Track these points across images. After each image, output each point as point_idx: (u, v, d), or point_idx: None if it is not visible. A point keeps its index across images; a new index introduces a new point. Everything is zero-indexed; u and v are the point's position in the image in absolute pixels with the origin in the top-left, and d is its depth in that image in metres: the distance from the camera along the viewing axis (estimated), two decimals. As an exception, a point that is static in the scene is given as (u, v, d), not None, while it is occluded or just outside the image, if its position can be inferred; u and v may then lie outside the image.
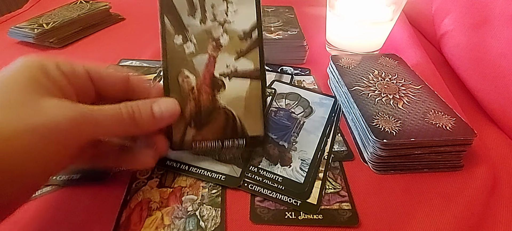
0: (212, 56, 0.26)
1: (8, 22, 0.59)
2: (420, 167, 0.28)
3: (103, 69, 0.24)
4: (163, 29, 0.26)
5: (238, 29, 0.27)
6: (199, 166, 0.28)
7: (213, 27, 0.26)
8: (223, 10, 0.26)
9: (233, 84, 0.27)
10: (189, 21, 0.27)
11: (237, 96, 0.27)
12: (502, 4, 0.35)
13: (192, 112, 0.26)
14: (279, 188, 0.26)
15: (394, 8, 0.43)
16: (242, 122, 0.26)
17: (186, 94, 0.26)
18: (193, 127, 0.26)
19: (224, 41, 0.27)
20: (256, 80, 0.27)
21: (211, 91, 0.26)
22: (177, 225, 0.23)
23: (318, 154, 0.29)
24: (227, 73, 0.27)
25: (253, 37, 0.27)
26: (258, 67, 0.27)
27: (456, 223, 0.23)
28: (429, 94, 0.32)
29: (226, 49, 0.27)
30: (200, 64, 0.26)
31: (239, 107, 0.27)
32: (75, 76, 0.22)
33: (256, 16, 0.27)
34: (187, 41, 0.26)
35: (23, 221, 0.23)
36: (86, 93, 0.23)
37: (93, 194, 0.26)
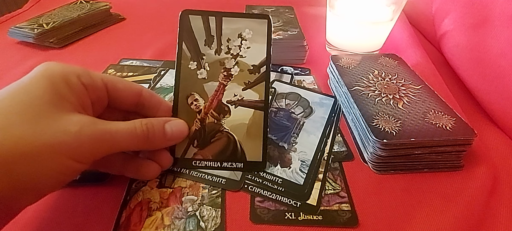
0: (222, 84, 0.29)
1: (8, 22, 0.59)
2: (420, 167, 0.28)
3: (120, 83, 0.25)
4: (180, 53, 0.28)
5: (248, 63, 0.29)
6: (206, 170, 0.28)
7: (227, 59, 0.29)
8: (238, 45, 0.29)
9: (238, 112, 0.28)
10: (205, 50, 0.29)
11: (240, 123, 0.28)
12: (502, 4, 0.35)
13: (197, 133, 0.28)
14: (279, 189, 0.26)
15: (394, 8, 0.43)
16: (242, 147, 0.28)
17: (193, 115, 0.28)
18: (196, 146, 0.28)
19: (235, 72, 0.29)
20: (260, 111, 0.28)
21: (217, 116, 0.28)
22: (177, 225, 0.23)
23: (318, 155, 0.29)
24: (234, 101, 0.29)
25: (261, 72, 0.29)
26: (262, 99, 0.29)
27: (456, 223, 0.23)
28: (429, 94, 0.32)
29: (235, 79, 0.29)
30: (210, 90, 0.28)
31: (241, 133, 0.28)
32: (94, 87, 0.23)
33: (266, 54, 0.29)
34: (201, 68, 0.29)
35: (23, 221, 0.23)
36: (100, 104, 0.24)
37: (93, 194, 0.26)
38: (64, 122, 0.19)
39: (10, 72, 0.43)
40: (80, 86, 0.22)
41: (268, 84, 0.29)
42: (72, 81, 0.21)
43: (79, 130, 0.19)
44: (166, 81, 0.41)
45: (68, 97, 0.21)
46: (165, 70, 0.43)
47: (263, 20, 0.29)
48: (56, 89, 0.20)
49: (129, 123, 0.23)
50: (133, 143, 0.23)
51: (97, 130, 0.20)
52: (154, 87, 0.40)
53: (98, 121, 0.21)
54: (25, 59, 0.47)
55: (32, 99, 0.19)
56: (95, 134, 0.20)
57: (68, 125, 0.19)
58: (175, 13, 0.29)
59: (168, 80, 0.41)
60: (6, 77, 0.42)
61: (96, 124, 0.21)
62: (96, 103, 0.23)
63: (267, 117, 0.28)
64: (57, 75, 0.21)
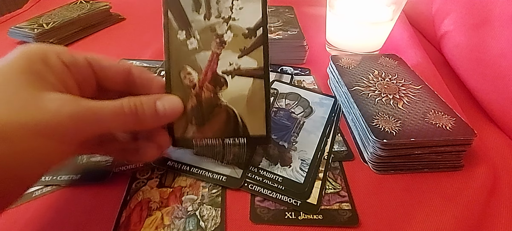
0: (216, 53, 0.26)
1: (8, 22, 0.59)
2: (420, 167, 0.28)
3: (105, 60, 0.24)
4: (167, 24, 0.26)
5: (242, 26, 0.26)
6: (200, 167, 0.28)
7: (218, 24, 0.26)
8: (228, 7, 0.26)
9: (236, 83, 0.26)
10: (193, 16, 0.26)
11: (239, 95, 0.26)
12: (502, 5, 0.35)
13: (194, 110, 0.26)
14: (279, 188, 0.26)
15: (394, 8, 0.43)
16: (244, 121, 0.26)
17: (188, 91, 0.26)
18: (194, 124, 0.26)
19: (228, 38, 0.26)
20: (260, 79, 0.26)
21: (213, 89, 0.26)
22: (177, 225, 0.23)
23: (318, 154, 0.29)
24: (230, 71, 0.26)
25: (258, 35, 0.26)
26: (261, 66, 0.26)
27: (456, 223, 0.23)
28: (429, 94, 0.32)
29: (229, 46, 0.26)
30: (202, 61, 0.26)
31: (241, 106, 0.26)
32: (77, 66, 0.22)
33: (261, 14, 0.26)
34: (190, 37, 0.26)
35: (23, 221, 0.23)
36: (87, 85, 0.23)
37: (93, 194, 0.26)
38: (43, 100, 0.18)
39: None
40: (61, 65, 0.20)
41: (266, 48, 0.26)
42: (52, 60, 0.20)
43: (57, 108, 0.18)
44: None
45: (47, 76, 0.19)
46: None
47: None
48: (34, 69, 0.19)
49: (116, 101, 0.21)
50: (121, 122, 0.22)
51: (78, 107, 0.19)
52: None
53: (80, 99, 0.20)
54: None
55: (8, 80, 0.18)
56: (76, 111, 0.19)
57: (47, 104, 0.18)
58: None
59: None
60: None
61: (77, 101, 0.19)
62: (83, 84, 0.22)
63: (268, 85, 0.26)
64: (35, 55, 0.20)
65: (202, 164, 0.28)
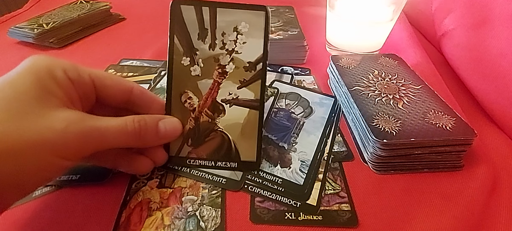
0: (217, 82, 0.28)
1: (8, 22, 0.59)
2: (420, 167, 0.28)
3: (108, 79, 0.24)
4: (172, 48, 0.27)
5: (244, 59, 0.28)
6: (200, 169, 0.28)
7: (221, 55, 0.27)
8: (233, 40, 0.27)
9: (233, 111, 0.28)
10: (198, 44, 0.27)
11: (235, 123, 0.28)
12: (502, 4, 0.35)
13: (191, 132, 0.28)
14: (279, 190, 0.26)
15: (394, 8, 0.43)
16: (237, 146, 0.28)
17: (187, 114, 0.27)
18: (190, 145, 0.28)
19: (230, 69, 0.28)
20: (255, 110, 0.28)
21: (212, 115, 0.28)
22: (177, 225, 0.23)
23: (317, 155, 0.29)
24: (229, 100, 0.28)
25: (258, 70, 0.28)
26: (258, 98, 0.28)
27: (456, 223, 0.23)
28: (429, 94, 0.32)
29: (230, 77, 0.28)
30: (204, 88, 0.28)
31: (236, 133, 0.28)
32: (81, 82, 0.22)
33: (263, 50, 0.27)
34: (194, 64, 0.27)
35: (23, 221, 0.23)
36: (88, 100, 0.23)
37: (93, 194, 0.26)
38: (50, 118, 0.19)
39: (10, 72, 0.43)
40: (67, 81, 0.21)
41: (264, 82, 0.28)
42: (59, 76, 0.21)
43: (65, 127, 0.19)
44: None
45: (55, 92, 0.20)
46: (165, 71, 0.43)
47: (261, 12, 0.27)
48: (42, 84, 0.20)
49: (121, 119, 0.22)
50: (124, 140, 0.22)
51: (85, 127, 0.20)
52: (154, 88, 0.40)
53: (86, 117, 0.21)
54: (25, 59, 0.47)
55: (18, 94, 0.19)
56: (83, 131, 0.20)
57: (54, 122, 0.19)
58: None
59: (168, 80, 0.41)
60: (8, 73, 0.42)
61: (84, 120, 0.20)
62: (84, 99, 0.23)
63: (262, 116, 0.28)
64: (43, 69, 0.20)
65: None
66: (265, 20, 0.27)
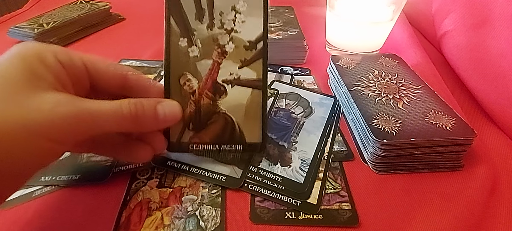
0: (217, 62, 0.27)
1: (8, 22, 0.59)
2: (420, 167, 0.28)
3: (101, 63, 0.24)
4: (168, 29, 0.26)
5: (244, 38, 0.27)
6: (200, 167, 0.28)
7: (220, 34, 0.27)
8: (231, 19, 0.27)
9: (235, 92, 0.27)
10: (196, 25, 0.26)
11: (238, 104, 0.27)
12: (502, 5, 0.35)
13: (191, 115, 0.27)
14: (279, 188, 0.26)
15: (394, 8, 0.43)
16: (241, 128, 0.27)
17: (187, 97, 0.26)
18: (191, 130, 0.27)
19: (230, 49, 0.27)
20: (258, 90, 0.27)
21: (213, 97, 0.27)
22: (177, 225, 0.23)
23: (318, 154, 0.29)
24: (230, 80, 0.27)
25: (258, 48, 0.27)
26: (260, 78, 0.27)
27: (456, 223, 0.23)
28: (429, 94, 0.32)
29: (230, 57, 0.27)
30: (203, 69, 0.27)
31: (239, 114, 0.27)
32: (72, 67, 0.22)
33: (262, 28, 0.27)
34: (192, 45, 0.26)
35: (23, 221, 0.23)
36: (81, 85, 0.23)
37: (93, 194, 0.26)
38: (38, 100, 0.18)
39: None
40: (57, 65, 0.20)
41: (265, 61, 0.27)
42: (48, 59, 0.20)
43: (52, 108, 0.18)
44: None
45: (44, 75, 0.19)
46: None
47: None
48: (31, 68, 0.19)
49: (115, 102, 0.21)
50: (119, 124, 0.21)
51: (75, 108, 0.19)
52: (154, 87, 0.40)
53: (77, 99, 0.20)
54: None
55: (6, 79, 0.18)
56: (72, 112, 0.19)
57: (41, 103, 0.18)
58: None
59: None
60: None
61: (73, 102, 0.19)
62: (76, 84, 0.22)
63: (266, 96, 0.27)
64: (32, 54, 0.20)
65: (202, 164, 0.28)
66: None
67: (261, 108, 0.27)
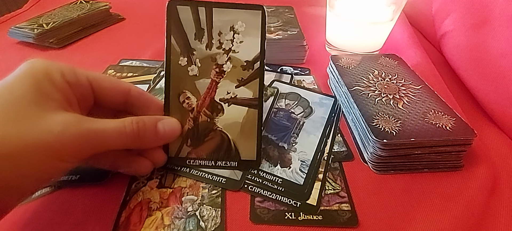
0: (215, 81, 0.28)
1: (8, 22, 0.59)
2: (420, 167, 0.28)
3: (106, 81, 0.24)
4: (169, 48, 0.27)
5: (241, 58, 0.28)
6: (200, 169, 0.28)
7: (218, 54, 0.27)
8: (230, 39, 0.27)
9: (232, 110, 0.28)
10: (195, 44, 0.27)
11: (234, 122, 0.28)
12: (502, 5, 0.35)
13: (190, 132, 0.28)
14: (279, 189, 0.26)
15: (394, 8, 0.43)
16: (236, 146, 0.28)
17: (186, 114, 0.27)
18: (189, 146, 0.28)
19: (227, 68, 0.28)
20: (254, 109, 0.28)
21: (210, 115, 0.28)
22: (177, 225, 0.23)
23: (317, 155, 0.29)
24: (227, 99, 0.28)
25: (255, 68, 0.28)
26: (256, 97, 0.28)
27: (456, 223, 0.23)
28: (429, 94, 0.32)
29: (228, 76, 0.28)
30: (202, 88, 0.28)
31: (235, 132, 0.28)
32: (78, 85, 0.22)
33: (260, 49, 0.27)
34: (191, 64, 0.27)
35: (23, 221, 0.23)
36: (85, 102, 0.24)
37: (93, 194, 0.26)
38: (48, 121, 0.19)
39: (10, 73, 0.43)
40: (64, 84, 0.21)
41: (262, 81, 0.28)
42: (56, 79, 0.21)
43: (63, 130, 0.19)
44: (166, 81, 0.41)
45: (53, 95, 0.20)
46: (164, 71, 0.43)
47: (257, 11, 0.27)
48: (40, 88, 0.20)
49: (119, 121, 0.22)
50: (122, 142, 0.22)
51: (83, 129, 0.20)
52: (154, 88, 0.40)
53: (84, 119, 0.21)
54: (25, 59, 0.46)
55: (16, 98, 0.19)
56: (80, 133, 0.20)
57: (52, 124, 0.19)
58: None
59: (168, 80, 0.41)
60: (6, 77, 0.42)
61: (81, 122, 0.20)
62: (82, 101, 0.23)
63: (261, 115, 0.28)
64: (41, 73, 0.20)
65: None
66: (261, 19, 0.27)
67: (256, 127, 0.28)
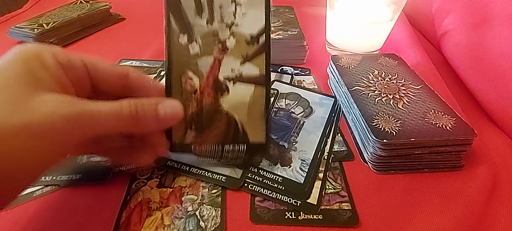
0: (218, 59, 0.26)
1: (8, 22, 0.59)
2: (420, 167, 0.28)
3: (101, 63, 0.23)
4: (168, 27, 0.25)
5: (245, 32, 0.26)
6: (200, 167, 0.28)
7: (220, 29, 0.26)
8: (231, 12, 0.26)
9: (237, 89, 0.26)
10: (195, 20, 0.26)
11: (240, 102, 0.26)
12: (502, 4, 0.35)
13: (194, 115, 0.26)
14: (279, 188, 0.26)
15: (394, 8, 0.43)
16: (244, 128, 0.26)
17: (189, 96, 0.26)
18: (194, 130, 0.26)
19: (231, 44, 0.26)
20: (261, 86, 0.26)
21: (215, 95, 0.26)
22: (177, 225, 0.23)
23: (318, 154, 0.29)
24: (232, 77, 0.26)
25: (260, 42, 0.26)
26: (263, 73, 0.26)
27: (456, 223, 0.23)
28: (429, 94, 0.32)
29: (232, 52, 0.26)
30: (204, 66, 0.26)
31: (242, 113, 0.26)
32: (72, 67, 0.21)
33: (264, 21, 0.26)
34: (192, 41, 0.26)
35: (23, 221, 0.23)
36: (82, 86, 0.22)
37: (93, 194, 0.26)
38: (38, 102, 0.18)
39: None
40: (57, 66, 0.20)
41: (268, 55, 0.26)
42: (48, 61, 0.20)
43: (51, 109, 0.18)
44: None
45: (44, 77, 0.19)
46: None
47: None
48: (30, 70, 0.19)
49: (115, 102, 0.21)
50: (120, 125, 0.21)
51: (74, 110, 0.19)
52: (154, 87, 0.40)
53: (77, 101, 0.20)
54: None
55: (5, 81, 0.18)
56: (72, 113, 0.19)
57: (42, 105, 0.18)
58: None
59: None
60: None
61: (73, 103, 0.19)
62: (77, 85, 0.22)
63: (269, 92, 0.26)
64: (32, 55, 0.20)
65: (202, 164, 0.28)
66: None
67: (264, 106, 0.26)
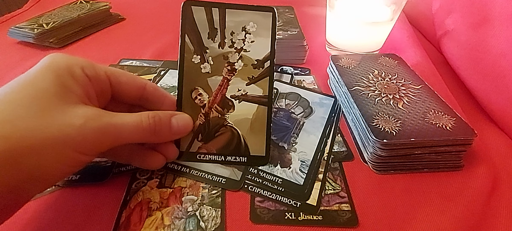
0: (226, 78, 0.29)
1: (8, 22, 0.59)
2: (420, 167, 0.28)
3: (123, 76, 0.25)
4: (183, 46, 0.28)
5: (252, 57, 0.29)
6: (200, 169, 0.28)
7: (230, 53, 0.29)
8: (241, 39, 0.29)
9: (242, 107, 0.29)
10: (208, 43, 0.28)
11: (244, 118, 0.29)
12: (502, 4, 0.35)
13: (201, 127, 0.28)
14: (279, 189, 0.26)
15: (394, 8, 0.43)
16: (246, 141, 0.28)
17: (197, 110, 0.28)
18: (200, 140, 0.28)
19: (239, 66, 0.29)
20: (264, 106, 0.29)
21: (221, 111, 0.29)
22: (177, 225, 0.23)
23: (317, 155, 0.29)
24: (238, 96, 0.29)
25: (265, 67, 0.29)
26: (266, 95, 0.29)
27: (456, 223, 0.23)
28: (429, 94, 0.32)
29: (239, 74, 0.29)
30: (214, 85, 0.29)
31: (245, 128, 0.28)
32: (98, 80, 0.23)
33: (270, 48, 0.29)
34: (204, 62, 0.28)
35: (23, 221, 0.23)
36: (104, 97, 0.24)
37: (93, 194, 0.26)
38: (69, 114, 0.20)
39: (10, 72, 0.43)
40: (85, 78, 0.22)
41: (272, 79, 0.29)
42: (77, 73, 0.22)
43: (83, 123, 0.20)
44: (166, 82, 0.41)
45: (74, 89, 0.21)
46: (165, 71, 0.43)
47: (268, 13, 0.29)
48: (61, 82, 0.20)
49: (136, 115, 0.23)
50: (139, 136, 0.23)
51: (102, 123, 0.21)
52: (154, 87, 0.40)
53: (103, 113, 0.21)
54: (25, 59, 0.47)
55: (38, 92, 0.20)
56: (100, 127, 0.21)
57: (73, 118, 0.20)
58: (175, 13, 0.29)
59: (168, 81, 0.41)
60: (6, 77, 0.42)
61: (101, 116, 0.21)
62: (100, 96, 0.24)
63: (271, 112, 0.28)
64: (62, 67, 0.21)
65: (202, 166, 0.28)
66: (272, 20, 0.29)
67: (266, 124, 0.28)
